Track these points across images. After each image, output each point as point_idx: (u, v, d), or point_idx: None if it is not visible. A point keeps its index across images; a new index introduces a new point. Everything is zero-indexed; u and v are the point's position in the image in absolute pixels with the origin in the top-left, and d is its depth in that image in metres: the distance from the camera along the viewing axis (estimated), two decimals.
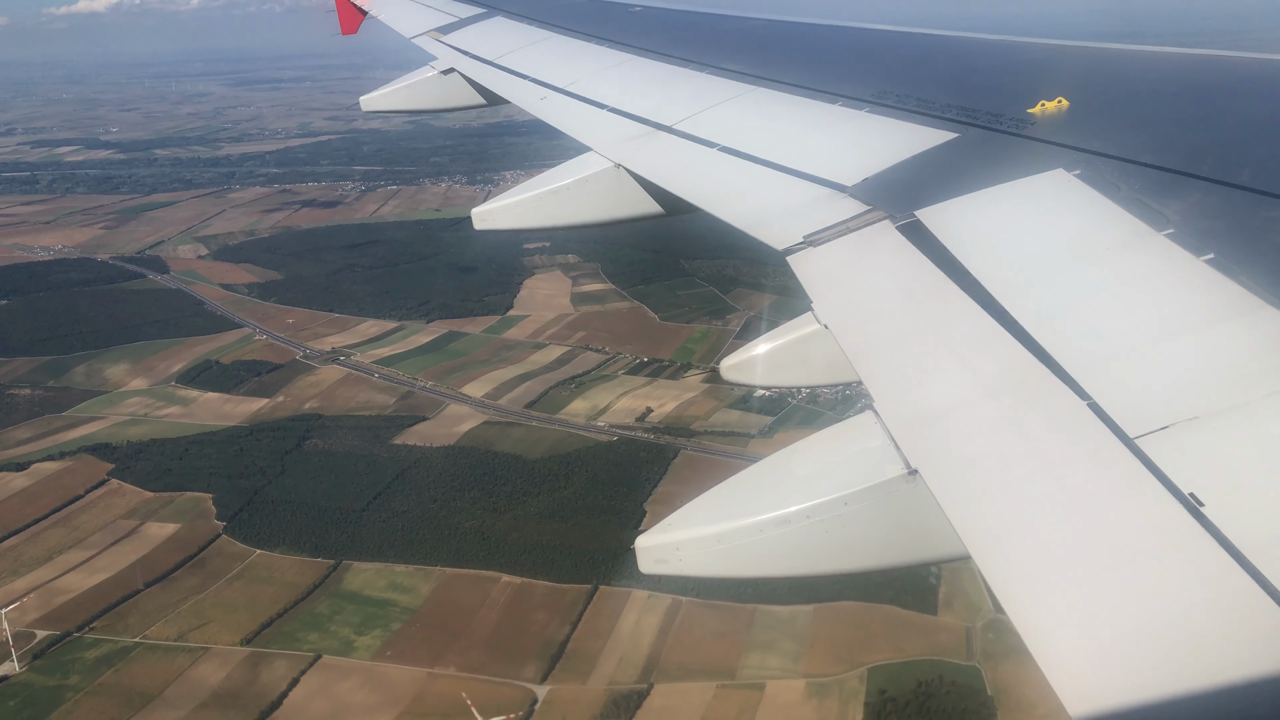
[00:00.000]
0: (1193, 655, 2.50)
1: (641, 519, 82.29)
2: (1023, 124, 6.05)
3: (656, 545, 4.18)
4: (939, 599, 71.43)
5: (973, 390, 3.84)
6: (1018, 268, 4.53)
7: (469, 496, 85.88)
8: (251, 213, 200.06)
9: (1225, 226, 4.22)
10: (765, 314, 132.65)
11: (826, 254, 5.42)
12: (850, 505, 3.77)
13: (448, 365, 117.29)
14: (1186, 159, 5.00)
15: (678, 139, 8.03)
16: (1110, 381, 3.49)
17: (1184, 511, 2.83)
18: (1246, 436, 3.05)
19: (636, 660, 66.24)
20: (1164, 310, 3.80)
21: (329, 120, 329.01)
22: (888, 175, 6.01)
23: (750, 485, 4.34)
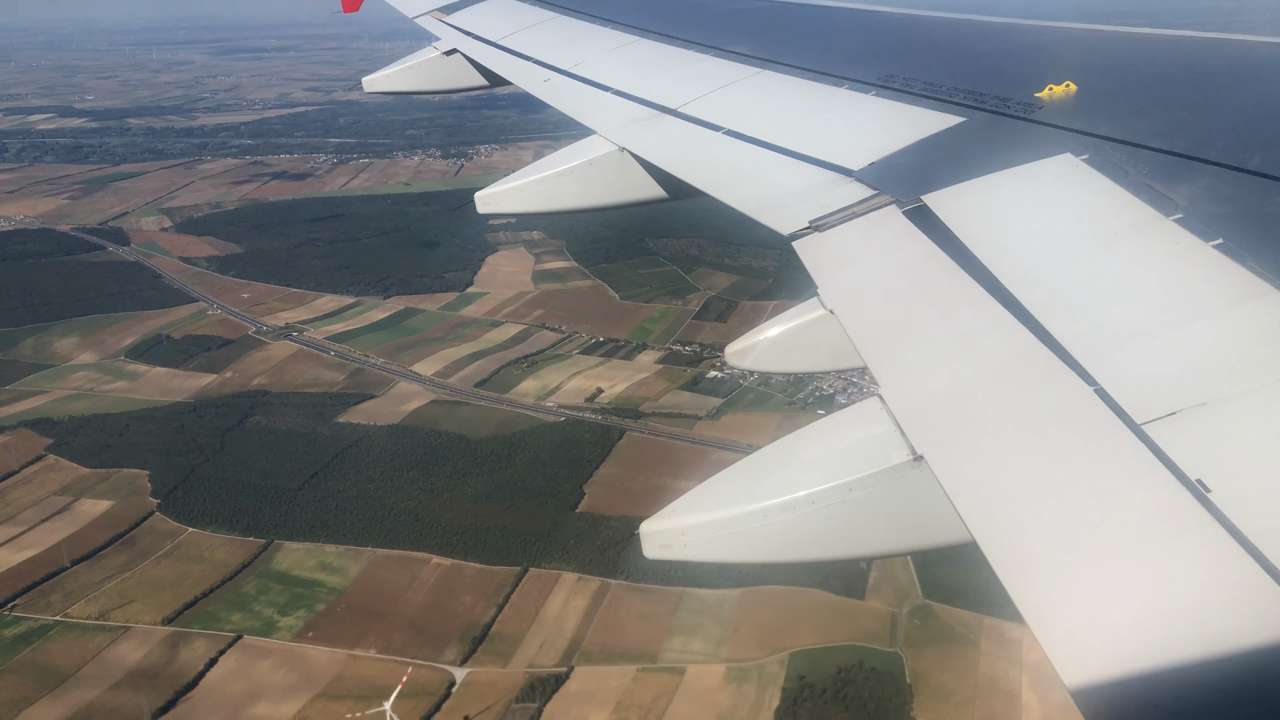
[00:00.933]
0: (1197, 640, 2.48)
1: (579, 501, 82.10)
2: (1030, 108, 6.00)
3: (661, 530, 4.15)
4: (868, 584, 71.34)
5: (979, 376, 3.86)
6: (1025, 253, 4.52)
7: (407, 477, 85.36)
8: (220, 184, 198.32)
9: (1234, 212, 4.21)
10: (725, 294, 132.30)
11: (832, 239, 5.42)
12: (855, 491, 3.74)
13: (401, 342, 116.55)
14: (1195, 143, 4.97)
15: (683, 122, 7.97)
16: (1117, 367, 3.49)
17: (1190, 498, 2.82)
18: (1254, 423, 3.04)
19: (560, 643, 66.04)
20: (1172, 296, 3.78)
21: (309, 91, 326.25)
22: (894, 160, 5.98)
23: (755, 471, 4.30)
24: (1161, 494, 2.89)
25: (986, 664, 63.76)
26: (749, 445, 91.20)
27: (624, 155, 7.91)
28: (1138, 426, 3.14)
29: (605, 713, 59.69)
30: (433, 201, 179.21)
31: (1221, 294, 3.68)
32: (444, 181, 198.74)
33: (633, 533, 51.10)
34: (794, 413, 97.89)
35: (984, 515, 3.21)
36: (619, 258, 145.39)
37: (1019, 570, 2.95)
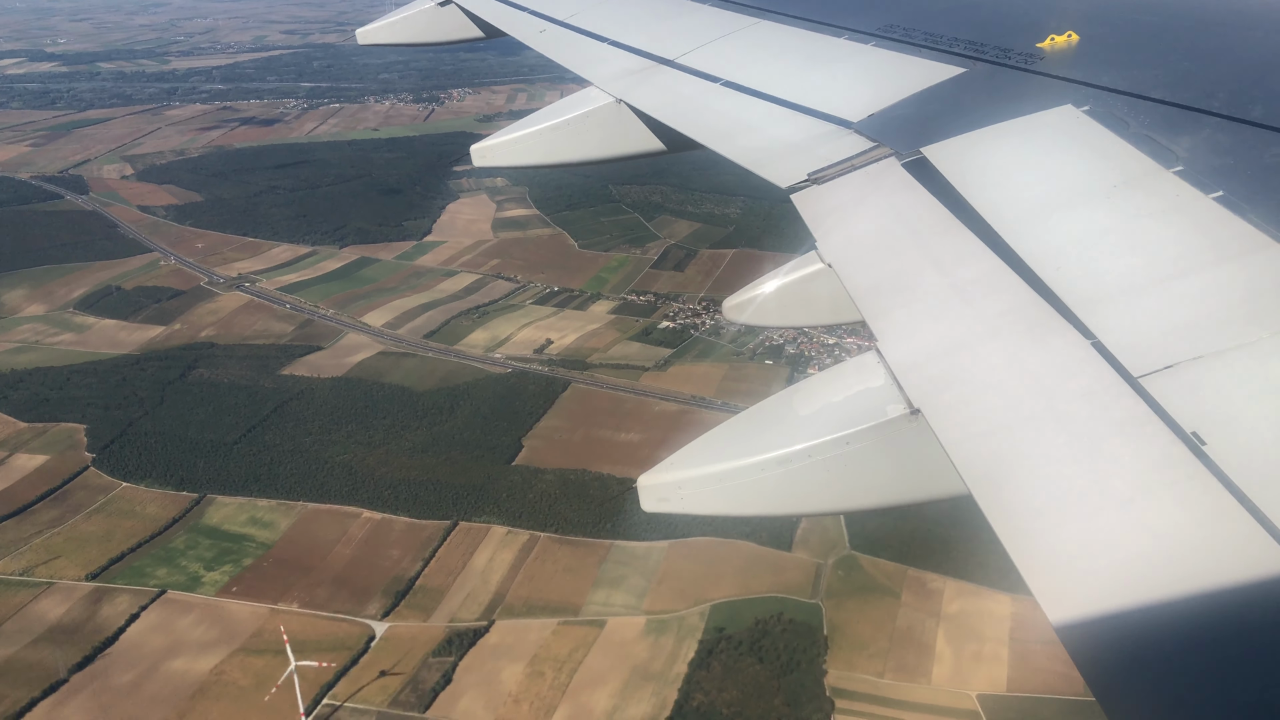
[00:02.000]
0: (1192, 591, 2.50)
1: (517, 454, 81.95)
2: (1032, 59, 5.94)
3: (658, 484, 4.17)
4: (796, 536, 71.47)
5: (977, 329, 3.84)
6: (1024, 206, 4.47)
7: (345, 430, 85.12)
8: (187, 131, 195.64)
9: (1235, 163, 4.18)
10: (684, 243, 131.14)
11: (831, 192, 5.38)
12: (852, 444, 3.77)
13: (354, 292, 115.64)
14: (1197, 94, 4.91)
15: (680, 74, 7.88)
16: (1115, 320, 3.48)
17: (1186, 450, 2.83)
18: (1251, 376, 3.03)
19: (483, 597, 66.27)
20: (1171, 249, 3.76)
21: (285, 34, 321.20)
22: (894, 111, 5.91)
23: (752, 425, 4.32)
24: (1157, 447, 2.90)
25: (905, 615, 64.12)
26: (692, 396, 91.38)
27: (621, 107, 7.81)
28: (1134, 380, 3.16)
29: (520, 666, 60.05)
30: (399, 148, 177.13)
31: (1221, 246, 3.66)
32: (413, 127, 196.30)
33: (566, 485, 51.10)
34: (740, 363, 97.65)
35: (980, 468, 3.21)
36: (581, 205, 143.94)
37: (1013, 522, 2.94)
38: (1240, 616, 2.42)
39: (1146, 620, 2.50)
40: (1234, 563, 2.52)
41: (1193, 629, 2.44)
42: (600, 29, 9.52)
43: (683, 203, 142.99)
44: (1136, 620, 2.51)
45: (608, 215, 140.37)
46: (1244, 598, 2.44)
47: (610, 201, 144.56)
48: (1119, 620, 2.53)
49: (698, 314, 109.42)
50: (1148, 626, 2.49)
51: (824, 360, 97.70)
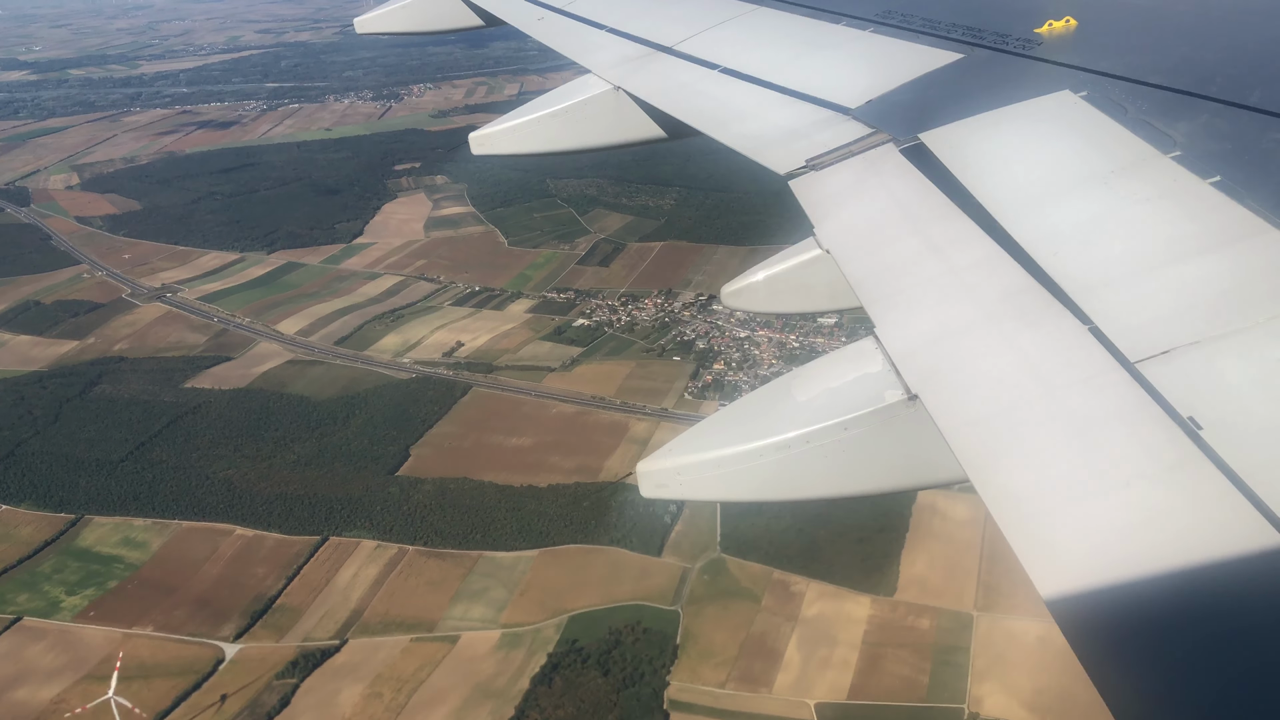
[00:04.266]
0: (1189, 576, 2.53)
1: (402, 463, 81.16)
2: (1030, 44, 5.97)
3: (657, 470, 4.20)
4: (668, 540, 70.53)
5: (975, 315, 3.86)
6: (1022, 191, 4.50)
7: (234, 444, 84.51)
8: (143, 137, 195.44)
9: (1233, 149, 4.20)
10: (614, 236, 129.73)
11: (829, 178, 5.39)
12: (850, 430, 3.79)
13: (274, 299, 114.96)
14: (1195, 80, 4.92)
15: (678, 60, 7.93)
16: (1112, 306, 3.49)
17: (1182, 435, 2.85)
18: (1247, 361, 3.05)
19: (341, 615, 65.60)
20: (1168, 234, 3.77)
21: (259, 33, 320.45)
22: (892, 97, 5.93)
23: (751, 410, 4.35)
24: (1154, 431, 2.91)
25: (762, 620, 63.11)
26: (592, 397, 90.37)
27: (619, 94, 7.87)
28: (1131, 365, 3.17)
29: (361, 686, 59.38)
30: (347, 147, 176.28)
31: (1218, 232, 3.66)
32: (366, 125, 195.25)
33: (444, 495, 50.00)
34: (648, 360, 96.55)
35: (978, 454, 3.22)
36: (516, 201, 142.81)
37: (1011, 508, 2.95)
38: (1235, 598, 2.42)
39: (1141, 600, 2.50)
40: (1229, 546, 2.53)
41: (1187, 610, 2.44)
42: (598, 16, 9.52)
43: (617, 195, 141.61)
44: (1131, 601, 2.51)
45: (541, 210, 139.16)
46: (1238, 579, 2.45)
47: (546, 196, 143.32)
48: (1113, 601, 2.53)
49: (615, 310, 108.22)
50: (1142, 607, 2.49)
51: (732, 355, 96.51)
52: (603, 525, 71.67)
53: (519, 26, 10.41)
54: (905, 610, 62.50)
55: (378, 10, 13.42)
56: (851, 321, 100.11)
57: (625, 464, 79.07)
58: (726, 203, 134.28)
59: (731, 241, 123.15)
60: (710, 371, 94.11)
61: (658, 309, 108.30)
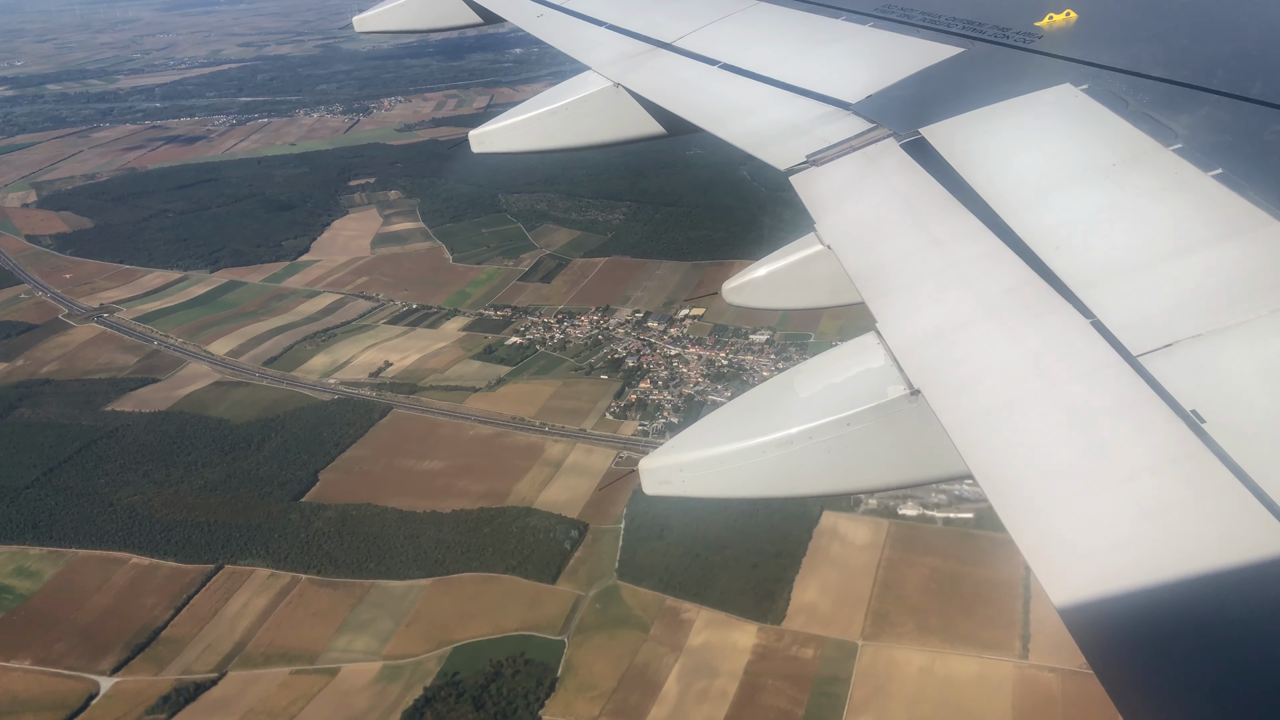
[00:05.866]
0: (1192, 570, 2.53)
1: (309, 488, 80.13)
2: (1030, 37, 5.95)
3: (660, 467, 4.18)
4: (565, 567, 69.40)
5: (976, 309, 3.84)
6: (1023, 185, 4.50)
7: (144, 469, 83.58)
8: (108, 153, 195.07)
9: (1234, 141, 4.18)
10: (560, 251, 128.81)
11: (829, 173, 5.40)
12: (853, 426, 3.80)
13: (210, 319, 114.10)
14: (1196, 72, 4.93)
15: (678, 56, 7.93)
16: (1114, 299, 3.49)
17: (1185, 429, 2.86)
18: (1250, 354, 3.05)
19: (224, 646, 64.56)
20: (1170, 227, 3.76)
21: (241, 47, 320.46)
22: (892, 92, 5.92)
23: (753, 407, 4.33)
24: (1157, 425, 2.91)
25: (647, 650, 61.94)
26: (512, 418, 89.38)
27: (619, 91, 7.89)
28: (1134, 358, 3.17)
29: None
30: (307, 163, 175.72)
31: (1220, 224, 3.65)
32: (331, 140, 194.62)
33: (345, 521, 49.05)
34: (575, 380, 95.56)
35: (981, 448, 3.23)
36: (465, 216, 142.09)
37: (1015, 502, 2.97)
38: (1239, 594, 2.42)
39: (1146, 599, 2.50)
40: (1233, 540, 2.53)
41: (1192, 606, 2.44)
42: (597, 12, 9.53)
43: (568, 210, 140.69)
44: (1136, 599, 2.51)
45: (490, 225, 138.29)
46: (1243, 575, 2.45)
47: (496, 211, 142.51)
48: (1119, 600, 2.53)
49: (549, 328, 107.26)
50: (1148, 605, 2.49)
51: (660, 373, 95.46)
52: (500, 552, 70.58)
53: (518, 23, 10.42)
54: (791, 639, 61.28)
55: (376, 9, 13.49)
56: (783, 339, 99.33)
57: (534, 488, 78.10)
58: (675, 218, 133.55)
59: (676, 257, 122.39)
60: (635, 390, 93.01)
61: (593, 326, 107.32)
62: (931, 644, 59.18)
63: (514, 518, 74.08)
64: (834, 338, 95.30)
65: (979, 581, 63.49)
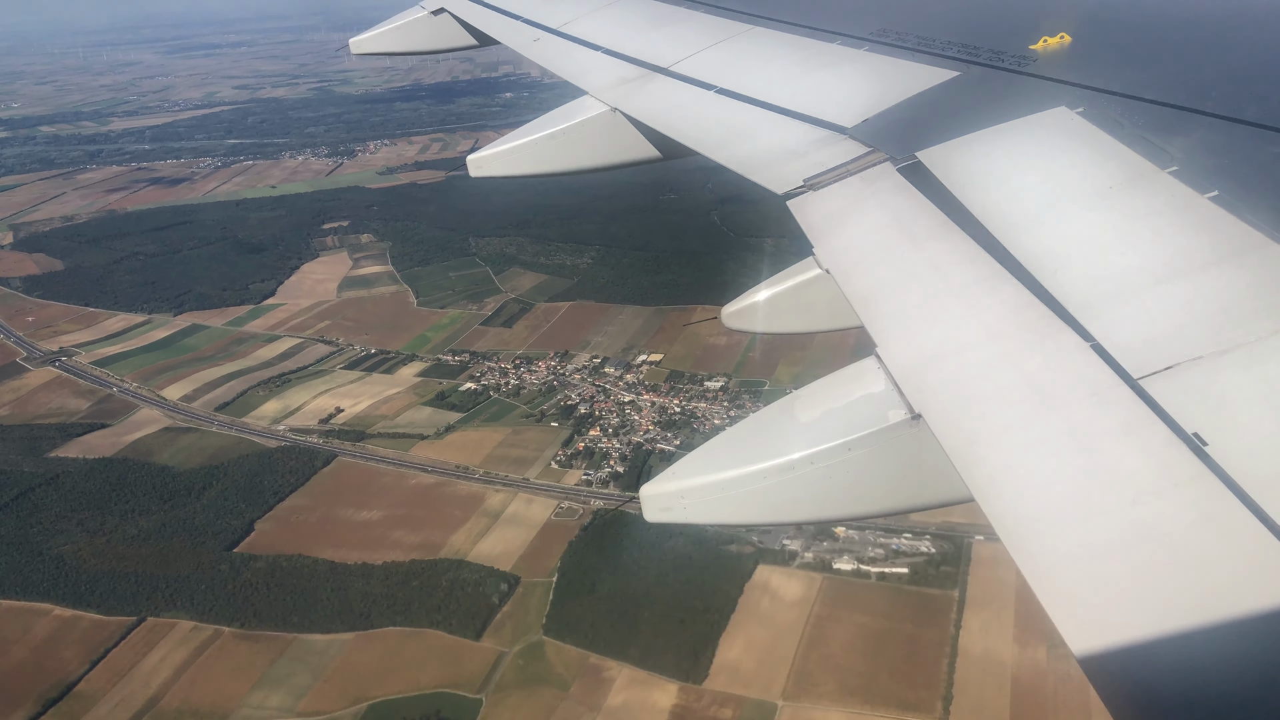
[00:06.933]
0: (1196, 594, 2.54)
1: (244, 538, 79.00)
2: (1025, 61, 5.98)
3: (661, 494, 4.13)
4: (492, 622, 68.05)
5: (975, 333, 3.85)
6: (1020, 208, 4.49)
7: (79, 517, 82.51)
8: (90, 195, 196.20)
9: (1230, 163, 4.20)
10: (524, 296, 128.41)
11: (827, 197, 5.42)
12: (854, 450, 3.79)
13: (168, 363, 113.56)
14: (1191, 94, 4.95)
15: (674, 81, 7.97)
16: (1113, 322, 3.50)
17: (1188, 451, 2.86)
18: (1250, 375, 3.05)
19: (137, 702, 63.12)
20: (1167, 249, 3.78)
21: (236, 89, 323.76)
22: (888, 116, 5.96)
23: (754, 432, 4.33)
24: (1159, 448, 2.91)
25: (564, 710, 60.44)
26: (456, 466, 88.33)
27: (616, 115, 7.90)
28: (1134, 381, 3.16)
29: None
30: (284, 205, 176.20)
31: (1217, 246, 3.63)
32: (312, 182, 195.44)
33: (275, 573, 48.09)
34: (524, 427, 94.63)
35: (983, 472, 3.21)
36: (435, 259, 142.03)
37: (1017, 526, 2.96)
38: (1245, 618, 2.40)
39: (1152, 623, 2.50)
40: (1239, 565, 2.52)
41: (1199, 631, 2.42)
42: (594, 37, 9.62)
43: (536, 254, 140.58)
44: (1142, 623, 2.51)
45: (458, 269, 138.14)
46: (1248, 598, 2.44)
47: (465, 255, 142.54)
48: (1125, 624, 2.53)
49: (505, 374, 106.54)
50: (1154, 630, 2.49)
51: (611, 420, 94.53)
52: (426, 606, 69.28)
53: (514, 47, 10.51)
54: (710, 699, 59.76)
55: (372, 31, 13.64)
56: (738, 386, 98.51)
57: (470, 540, 76.95)
58: (642, 262, 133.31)
59: (639, 301, 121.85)
60: (584, 438, 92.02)
61: (550, 371, 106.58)
62: (852, 704, 57.65)
63: (445, 570, 72.82)
64: (788, 384, 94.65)
65: (906, 639, 62.05)
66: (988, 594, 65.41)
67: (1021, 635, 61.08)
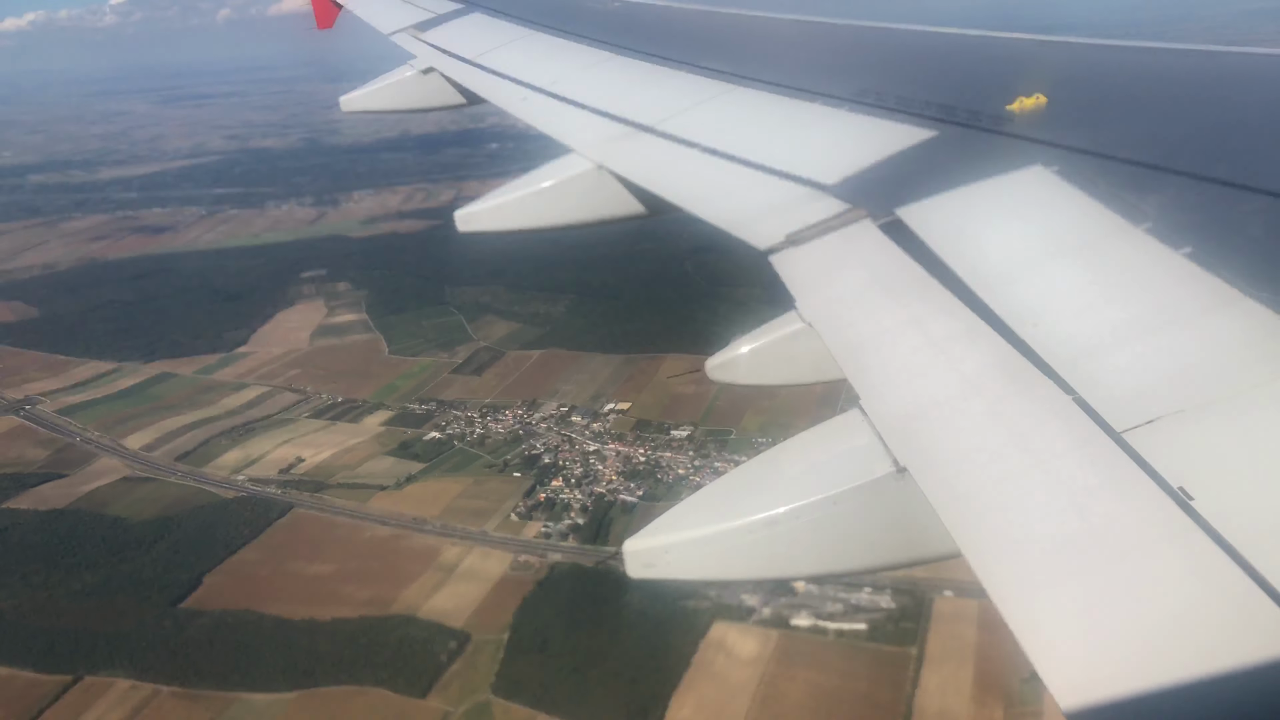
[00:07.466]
0: (1184, 648, 2.54)
1: (190, 592, 77.08)
2: (1001, 121, 6.08)
3: (644, 549, 4.06)
4: (439, 680, 66.06)
5: (958, 386, 3.87)
6: (999, 264, 4.54)
7: (25, 570, 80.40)
8: (74, 242, 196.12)
9: (1203, 220, 4.27)
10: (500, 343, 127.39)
11: (809, 253, 5.50)
12: (839, 504, 3.79)
13: (132, 411, 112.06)
14: (1164, 154, 5.03)
15: (659, 139, 8.11)
16: (1094, 376, 3.52)
17: (1173, 505, 2.87)
18: (1233, 429, 3.08)
19: None
20: (1145, 304, 3.83)
21: (226, 139, 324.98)
22: (868, 174, 6.06)
23: (738, 486, 4.31)
24: (1146, 502, 2.91)
25: None
26: (413, 519, 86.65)
27: (602, 172, 8.07)
28: (1118, 434, 3.17)
29: None
30: (263, 255, 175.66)
31: (1193, 301, 3.70)
32: (294, 231, 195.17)
33: (219, 630, 46.01)
34: (486, 478, 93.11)
35: (970, 527, 3.20)
36: (409, 308, 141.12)
37: (1005, 581, 2.96)
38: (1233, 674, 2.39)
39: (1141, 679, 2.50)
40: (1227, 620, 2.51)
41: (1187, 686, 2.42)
42: (580, 96, 9.72)
43: (510, 302, 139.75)
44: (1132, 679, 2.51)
45: (432, 317, 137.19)
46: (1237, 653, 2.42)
47: (440, 304, 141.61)
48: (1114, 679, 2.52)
49: (472, 422, 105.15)
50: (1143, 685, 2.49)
51: (574, 471, 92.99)
52: (373, 664, 67.32)
53: (502, 106, 10.65)
54: None
55: (363, 89, 13.70)
56: (704, 435, 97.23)
57: (422, 595, 75.08)
58: (615, 310, 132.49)
59: (610, 350, 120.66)
60: (546, 489, 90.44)
61: (516, 420, 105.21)
62: None
63: (394, 627, 70.91)
64: (755, 433, 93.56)
65: (860, 698, 60.18)
66: (946, 651, 63.64)
67: (979, 694, 59.26)
